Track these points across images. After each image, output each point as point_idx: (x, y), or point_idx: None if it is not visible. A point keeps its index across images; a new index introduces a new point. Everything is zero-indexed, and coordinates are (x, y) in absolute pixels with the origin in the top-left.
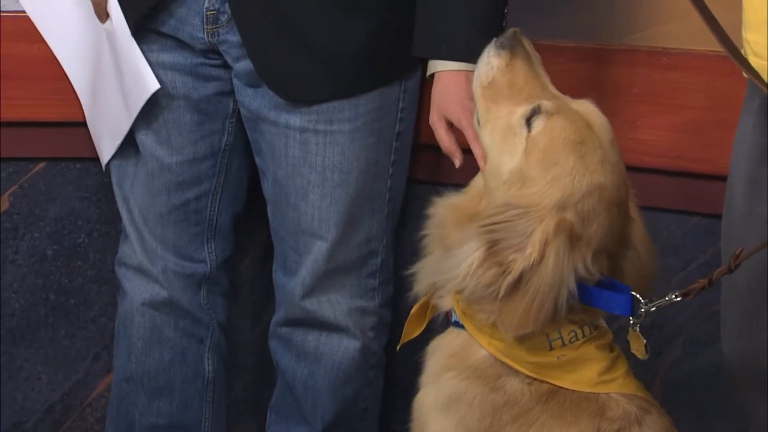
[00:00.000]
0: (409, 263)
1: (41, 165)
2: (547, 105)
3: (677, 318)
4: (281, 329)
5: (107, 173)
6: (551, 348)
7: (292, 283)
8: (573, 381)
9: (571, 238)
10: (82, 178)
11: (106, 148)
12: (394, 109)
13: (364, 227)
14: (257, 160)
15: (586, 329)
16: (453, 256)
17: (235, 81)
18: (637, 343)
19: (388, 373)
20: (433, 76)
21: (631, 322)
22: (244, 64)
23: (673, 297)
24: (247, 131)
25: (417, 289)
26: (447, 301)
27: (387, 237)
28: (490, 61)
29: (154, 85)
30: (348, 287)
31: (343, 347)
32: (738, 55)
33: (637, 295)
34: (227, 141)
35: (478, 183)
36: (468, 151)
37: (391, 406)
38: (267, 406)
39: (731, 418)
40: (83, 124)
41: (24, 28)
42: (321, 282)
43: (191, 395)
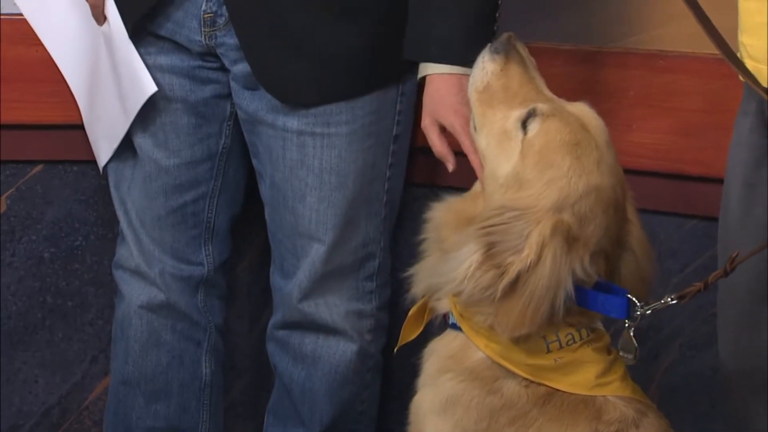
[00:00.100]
0: (406, 266)
1: (38, 168)
2: (542, 108)
3: (674, 321)
4: (279, 332)
5: (104, 176)
6: (548, 350)
7: (290, 286)
8: (570, 384)
9: (568, 240)
10: (80, 180)
11: (104, 150)
12: (392, 112)
13: (362, 230)
14: (254, 162)
15: (584, 332)
16: (451, 259)
17: (232, 84)
18: (628, 346)
19: (385, 376)
20: (424, 80)
21: (626, 324)
22: (242, 67)
23: (669, 300)
24: (245, 134)
25: (414, 291)
26: (444, 304)
27: (384, 240)
28: (485, 66)
29: (151, 87)
30: (345, 290)
31: (341, 350)
32: (734, 58)
33: (633, 298)
34: (224, 144)
35: (477, 187)
36: (460, 154)
37: (389, 408)
38: (264, 408)
39: (728, 421)
40: (81, 127)
41: (22, 31)
42: (318, 285)
43: (189, 398)
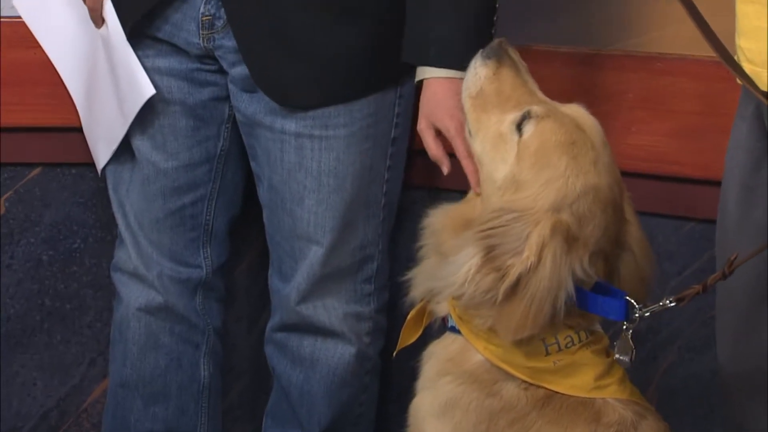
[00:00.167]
0: (405, 268)
1: (37, 170)
2: (536, 110)
3: (673, 323)
4: (277, 334)
5: (103, 178)
6: (547, 353)
7: (288, 289)
8: (569, 386)
9: (567, 240)
10: (78, 183)
11: (102, 153)
12: (390, 114)
13: (360, 232)
14: (253, 165)
15: (582, 334)
16: (450, 263)
17: (230, 86)
18: (625, 348)
19: (384, 379)
20: (422, 83)
21: (624, 327)
22: (240, 70)
23: (668, 302)
24: (243, 136)
25: (413, 294)
26: (443, 307)
27: (383, 242)
28: (477, 71)
29: (149, 90)
30: (344, 292)
31: (339, 352)
32: (732, 61)
33: (631, 300)
34: (223, 146)
35: (471, 193)
36: (454, 155)
37: (387, 411)
38: (263, 411)
39: (727, 423)
40: (79, 130)
41: (20, 34)
42: (316, 287)
43: (187, 401)
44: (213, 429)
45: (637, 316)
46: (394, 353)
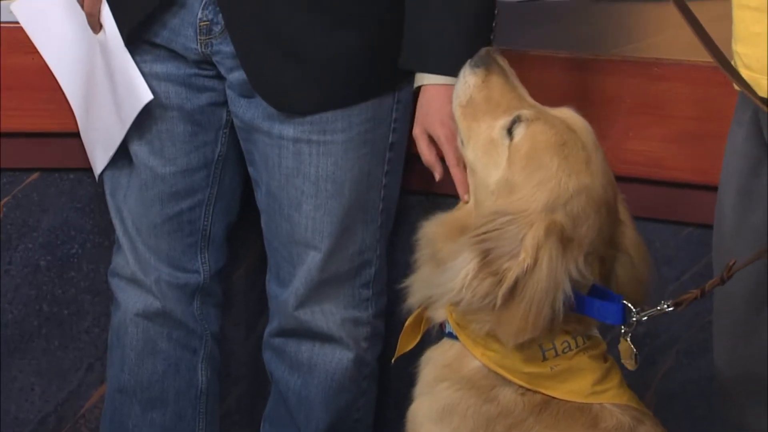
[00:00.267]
0: (403, 273)
1: (35, 175)
2: (526, 113)
3: (671, 328)
4: (275, 340)
5: (100, 184)
6: (544, 358)
7: (286, 294)
8: (566, 391)
9: (562, 240)
10: (76, 188)
11: (100, 158)
12: (388, 119)
13: (358, 238)
14: (250, 170)
15: (579, 339)
16: (447, 269)
17: (228, 91)
18: (627, 353)
19: (382, 384)
20: (419, 89)
21: (622, 331)
22: (238, 75)
23: (665, 307)
24: (241, 142)
25: (411, 301)
26: (441, 313)
27: (380, 247)
28: (466, 80)
29: (147, 95)
30: (341, 298)
31: (337, 358)
32: (729, 67)
33: (628, 304)
34: (220, 151)
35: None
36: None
37: (385, 417)
38: (261, 416)
39: (725, 428)
40: (77, 135)
41: (18, 39)
42: (314, 292)
43: (185, 406)
44: None
45: (634, 319)
46: (393, 360)
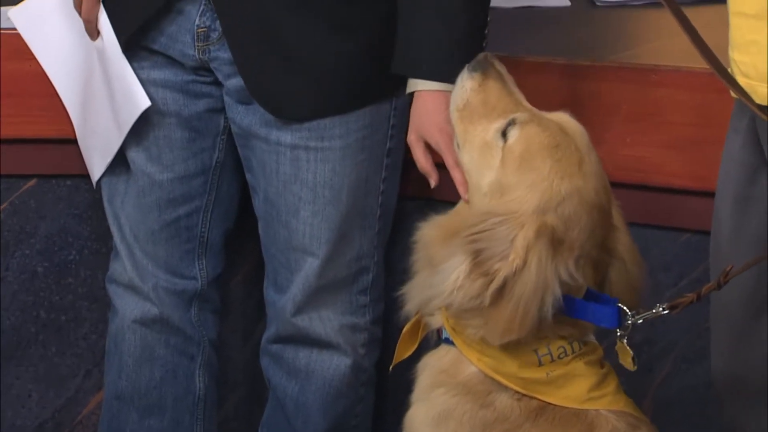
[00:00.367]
0: (400, 280)
1: (32, 182)
2: (521, 116)
3: (668, 335)
4: (272, 346)
5: (98, 190)
6: (540, 364)
7: (283, 300)
8: (562, 397)
9: (553, 243)
10: (73, 195)
11: (97, 165)
12: (385, 125)
13: (355, 244)
14: (248, 177)
15: (576, 345)
16: (440, 272)
17: (226, 98)
18: (624, 355)
19: (379, 391)
20: (412, 95)
21: (618, 334)
22: (235, 81)
23: (661, 310)
24: (238, 148)
25: (408, 307)
26: (437, 319)
27: (378, 253)
28: (464, 84)
29: (144, 102)
30: (339, 304)
31: (334, 364)
32: (726, 74)
33: (623, 307)
34: (218, 158)
35: (461, 204)
36: (445, 166)
37: (383, 423)
38: (258, 423)
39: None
40: (74, 142)
41: (15, 46)
42: (312, 299)
43: (182, 413)
44: None
45: (629, 323)
46: (390, 367)
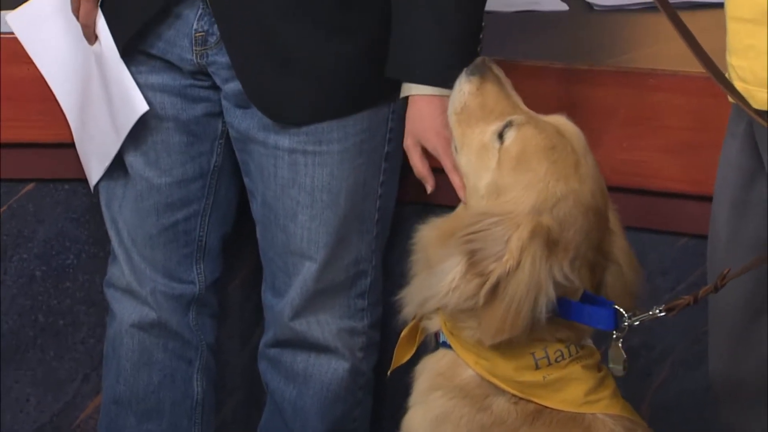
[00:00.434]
0: (398, 284)
1: (30, 186)
2: (518, 118)
3: (666, 339)
4: (270, 350)
5: (96, 194)
6: (537, 367)
7: (281, 304)
8: (559, 401)
9: (548, 244)
10: (71, 199)
11: (95, 169)
12: (383, 129)
13: (353, 248)
14: (246, 181)
15: (573, 348)
16: (436, 273)
17: (223, 102)
18: (617, 357)
19: (377, 395)
20: (406, 99)
21: (614, 336)
22: (233, 86)
23: (657, 312)
24: (236, 152)
25: (406, 311)
26: (435, 323)
27: (376, 257)
28: (462, 87)
29: (142, 106)
30: (337, 308)
31: (332, 368)
32: (723, 79)
33: (620, 309)
34: (216, 162)
35: (461, 207)
36: (442, 171)
37: (381, 427)
38: (256, 427)
39: None
40: (72, 146)
41: (13, 50)
42: (310, 303)
43: (180, 417)
44: None
45: (626, 324)
46: (389, 372)
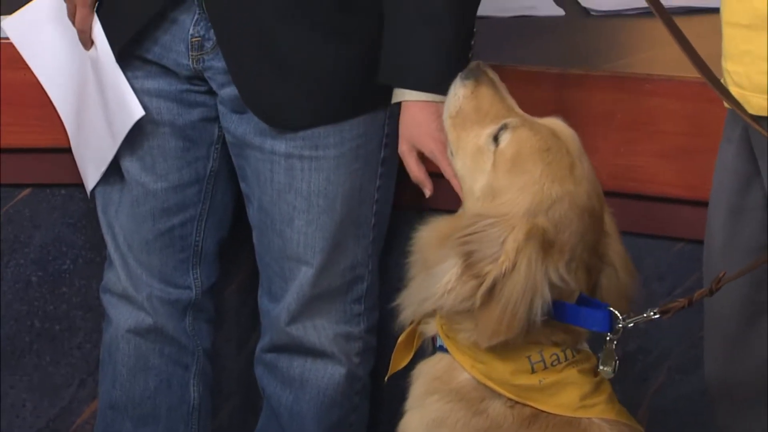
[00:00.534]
0: (395, 289)
1: (26, 191)
2: (512, 121)
3: (663, 343)
4: (267, 355)
5: (92, 200)
6: (533, 371)
7: (278, 309)
8: (555, 405)
9: (543, 245)
10: (67, 204)
11: (91, 174)
12: (379, 134)
13: (350, 253)
14: (242, 186)
15: (569, 352)
16: (432, 275)
17: (220, 107)
18: (608, 359)
19: (374, 400)
20: (399, 105)
21: (608, 338)
22: (229, 91)
23: (652, 314)
24: (233, 157)
25: (404, 315)
26: (432, 327)
27: (372, 262)
28: (456, 91)
29: (138, 111)
30: (333, 313)
31: (329, 373)
32: (719, 85)
33: (614, 311)
34: (212, 167)
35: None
36: (441, 176)
37: None
38: None
39: None
40: (68, 151)
41: (11, 55)
42: (306, 308)
43: (177, 422)
44: None
45: (620, 326)
46: (386, 378)
